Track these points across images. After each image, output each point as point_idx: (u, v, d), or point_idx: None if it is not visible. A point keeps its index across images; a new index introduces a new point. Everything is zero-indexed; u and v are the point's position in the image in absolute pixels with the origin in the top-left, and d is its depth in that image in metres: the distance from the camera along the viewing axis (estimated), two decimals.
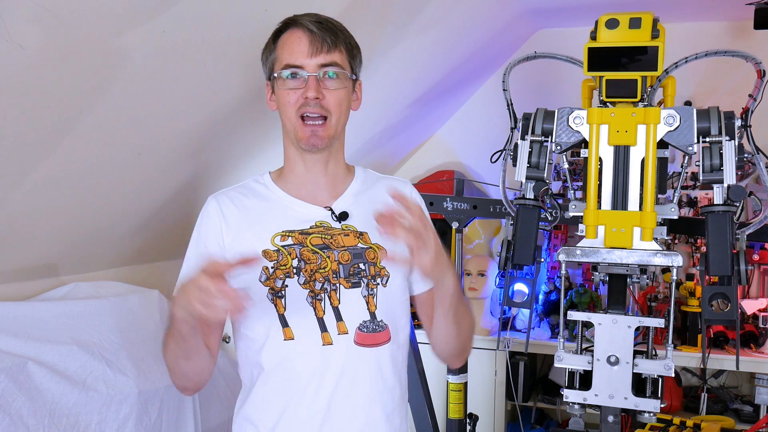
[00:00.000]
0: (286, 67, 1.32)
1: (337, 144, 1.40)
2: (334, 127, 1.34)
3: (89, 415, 1.73)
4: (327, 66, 1.32)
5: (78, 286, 1.93)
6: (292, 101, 1.32)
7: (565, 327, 1.85)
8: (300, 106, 1.31)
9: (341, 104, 1.34)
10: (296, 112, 1.32)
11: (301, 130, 1.33)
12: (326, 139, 1.34)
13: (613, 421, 1.81)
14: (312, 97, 1.30)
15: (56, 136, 1.48)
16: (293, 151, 1.39)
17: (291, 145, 1.39)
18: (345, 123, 1.39)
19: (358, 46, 1.40)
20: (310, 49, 1.31)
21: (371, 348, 1.34)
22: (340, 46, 1.34)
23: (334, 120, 1.34)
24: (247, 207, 1.38)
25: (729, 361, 2.65)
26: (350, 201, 1.41)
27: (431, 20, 2.31)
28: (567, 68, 2.02)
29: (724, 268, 1.71)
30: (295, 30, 1.33)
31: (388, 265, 1.37)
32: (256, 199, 1.40)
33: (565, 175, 1.91)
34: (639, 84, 1.74)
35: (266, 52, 1.39)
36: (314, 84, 1.30)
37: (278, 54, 1.35)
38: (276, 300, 1.32)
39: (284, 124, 1.37)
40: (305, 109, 1.31)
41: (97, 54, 1.36)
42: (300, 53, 1.31)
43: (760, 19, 2.46)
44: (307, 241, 1.34)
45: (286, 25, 1.36)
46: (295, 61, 1.31)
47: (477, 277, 3.06)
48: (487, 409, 2.96)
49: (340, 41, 1.34)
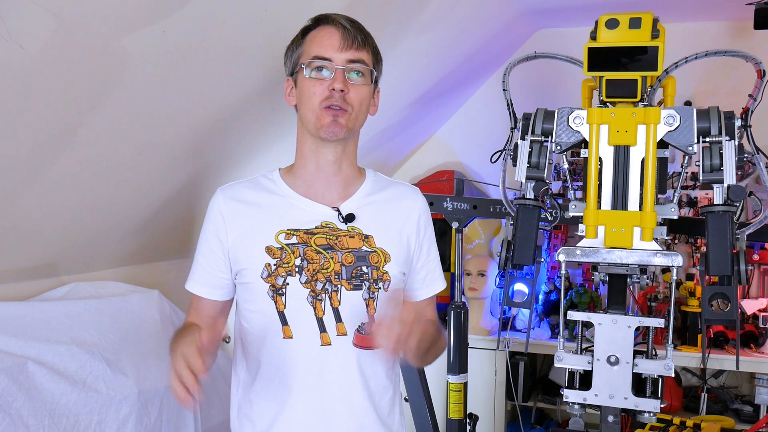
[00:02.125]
0: (315, 58, 1.33)
1: (351, 144, 1.41)
2: (353, 120, 1.35)
3: (89, 415, 1.73)
4: (355, 62, 1.33)
5: (78, 286, 1.93)
6: (318, 92, 1.32)
7: (565, 327, 1.85)
8: (325, 98, 1.32)
9: (363, 102, 1.36)
10: (320, 104, 1.32)
11: (323, 116, 1.32)
12: (345, 128, 1.33)
13: (613, 421, 1.81)
14: (338, 89, 1.31)
15: (56, 137, 1.48)
16: (308, 146, 1.39)
17: (307, 138, 1.38)
18: (362, 123, 1.40)
19: (380, 55, 1.42)
20: (341, 43, 1.32)
21: (368, 350, 1.35)
22: (368, 46, 1.36)
23: (354, 114, 1.34)
24: (254, 202, 1.39)
25: (729, 361, 2.65)
26: (358, 203, 1.41)
27: (431, 20, 2.31)
28: (567, 68, 2.02)
29: (724, 268, 1.71)
30: (326, 26, 1.35)
31: (390, 271, 1.38)
32: (263, 194, 1.40)
33: (565, 175, 1.91)
34: (639, 84, 1.74)
35: (292, 47, 1.40)
36: (341, 76, 1.31)
37: (306, 48, 1.36)
38: (276, 297, 1.33)
39: (304, 116, 1.36)
40: (329, 102, 1.32)
41: (98, 55, 1.36)
42: (330, 46, 1.32)
43: (760, 19, 2.46)
44: (311, 240, 1.35)
45: (317, 22, 1.37)
46: (324, 53, 1.32)
47: (477, 277, 3.06)
48: (487, 409, 2.96)
49: (369, 43, 1.37)
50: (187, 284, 1.42)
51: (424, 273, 1.48)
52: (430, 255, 1.49)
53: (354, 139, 1.41)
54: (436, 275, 1.51)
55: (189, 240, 2.26)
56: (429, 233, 1.48)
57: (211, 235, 1.38)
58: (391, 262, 1.38)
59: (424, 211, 1.48)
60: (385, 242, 1.39)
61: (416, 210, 1.46)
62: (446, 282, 1.56)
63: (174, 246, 2.26)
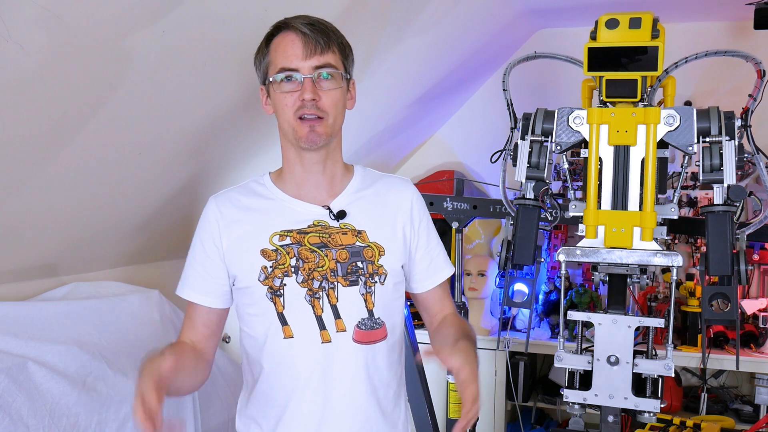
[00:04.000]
0: (281, 70, 1.32)
1: (334, 143, 1.41)
2: (330, 126, 1.35)
3: (89, 415, 1.73)
4: (321, 67, 1.32)
5: (78, 286, 1.93)
6: (290, 104, 1.33)
7: (565, 327, 1.85)
8: (297, 108, 1.32)
9: (337, 104, 1.35)
10: (294, 114, 1.33)
11: (299, 128, 1.33)
12: (324, 136, 1.34)
13: (613, 421, 1.81)
14: (309, 99, 1.31)
15: (56, 137, 1.48)
16: (291, 152, 1.40)
17: (289, 146, 1.40)
18: (342, 122, 1.40)
19: (350, 46, 1.40)
20: (303, 51, 1.31)
21: (369, 345, 1.36)
22: (332, 46, 1.34)
23: (330, 120, 1.35)
24: (247, 207, 1.40)
25: (729, 361, 2.65)
26: (348, 200, 1.42)
27: (431, 20, 2.31)
28: (567, 68, 2.02)
29: (724, 268, 1.71)
30: (287, 33, 1.33)
31: (385, 265, 1.38)
32: (256, 199, 1.41)
33: (565, 175, 1.91)
34: (639, 84, 1.74)
35: (259, 56, 1.39)
36: (310, 86, 1.31)
37: (272, 58, 1.35)
38: (275, 299, 1.34)
39: (282, 127, 1.38)
40: (302, 111, 1.32)
41: (97, 55, 1.36)
42: (294, 56, 1.31)
43: (760, 19, 2.46)
44: (305, 240, 1.36)
45: (277, 29, 1.36)
46: (289, 64, 1.32)
47: (477, 277, 3.06)
48: (487, 409, 2.96)
49: (333, 42, 1.35)
50: (181, 291, 1.41)
51: (427, 261, 1.47)
52: (431, 242, 1.48)
53: (337, 139, 1.42)
54: (441, 261, 1.50)
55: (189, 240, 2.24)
56: (425, 221, 1.47)
57: (207, 243, 1.38)
58: (385, 255, 1.38)
59: (416, 200, 1.47)
60: (378, 236, 1.39)
61: (407, 200, 1.45)
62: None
63: (174, 246, 2.26)
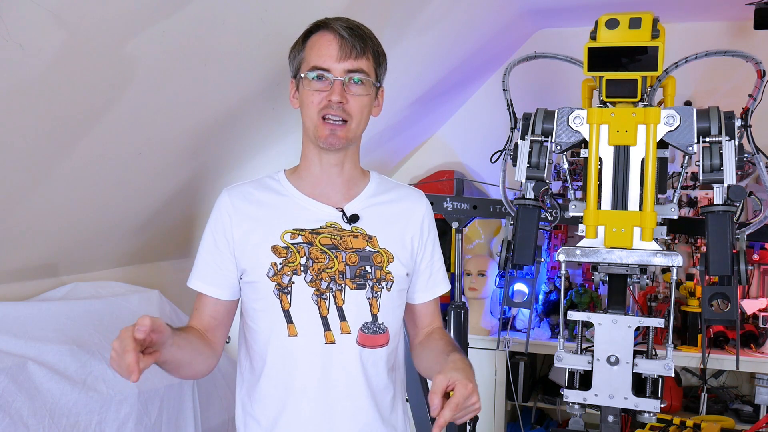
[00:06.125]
0: (314, 68, 1.34)
1: (353, 147, 1.42)
2: (353, 130, 1.37)
3: (89, 415, 1.72)
4: (353, 72, 1.34)
5: (78, 286, 1.93)
6: (316, 102, 1.34)
7: (565, 327, 1.85)
8: (323, 107, 1.34)
9: (363, 110, 1.37)
10: (318, 113, 1.34)
11: (321, 128, 1.35)
12: (344, 140, 1.36)
13: (613, 421, 1.81)
14: (336, 101, 1.32)
15: (57, 139, 1.48)
16: (311, 149, 1.41)
17: (310, 144, 1.41)
18: (364, 128, 1.41)
19: (384, 54, 1.42)
20: (339, 53, 1.33)
21: (371, 349, 1.37)
22: (368, 53, 1.36)
23: (354, 124, 1.36)
24: (260, 202, 1.40)
25: (729, 361, 2.66)
26: (362, 204, 1.43)
27: (431, 20, 2.31)
28: (567, 68, 2.02)
29: (724, 268, 1.71)
30: (325, 33, 1.35)
31: (393, 271, 1.39)
32: (270, 194, 1.42)
33: (565, 175, 1.91)
34: (639, 84, 1.74)
35: (294, 50, 1.41)
36: (339, 88, 1.33)
37: (306, 54, 1.37)
38: (282, 295, 1.34)
39: (305, 123, 1.39)
40: (327, 111, 1.34)
41: (98, 56, 1.36)
42: (328, 56, 1.33)
43: (760, 19, 2.46)
44: (316, 240, 1.37)
45: (317, 27, 1.38)
46: (322, 64, 1.33)
47: (477, 277, 3.06)
48: (487, 409, 2.96)
49: (369, 48, 1.36)
50: (190, 282, 1.42)
51: (427, 274, 1.49)
52: (434, 257, 1.50)
53: (356, 143, 1.43)
54: (440, 277, 1.52)
55: (189, 240, 2.26)
56: (433, 236, 1.50)
57: (218, 234, 1.39)
58: (394, 262, 1.40)
59: (427, 214, 1.49)
60: (388, 243, 1.40)
61: (420, 213, 1.48)
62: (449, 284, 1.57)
63: (174, 246, 2.26)
